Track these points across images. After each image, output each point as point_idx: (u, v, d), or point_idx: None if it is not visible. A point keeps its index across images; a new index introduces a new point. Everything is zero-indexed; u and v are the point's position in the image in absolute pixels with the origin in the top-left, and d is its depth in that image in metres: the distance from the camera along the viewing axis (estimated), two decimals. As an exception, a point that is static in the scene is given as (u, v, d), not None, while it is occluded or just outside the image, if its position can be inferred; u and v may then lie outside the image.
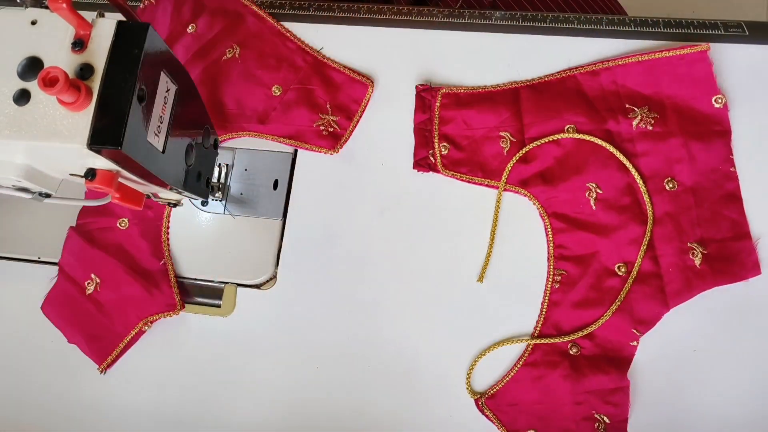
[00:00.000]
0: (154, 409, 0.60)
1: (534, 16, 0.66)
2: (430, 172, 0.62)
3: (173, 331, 0.62)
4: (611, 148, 0.59)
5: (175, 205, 0.60)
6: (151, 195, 0.56)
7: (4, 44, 0.42)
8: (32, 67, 0.41)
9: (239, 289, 0.62)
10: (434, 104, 0.63)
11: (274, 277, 0.62)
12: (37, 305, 0.63)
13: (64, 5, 0.39)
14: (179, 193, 0.53)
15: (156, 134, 0.44)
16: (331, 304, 0.60)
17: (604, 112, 0.60)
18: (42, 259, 0.65)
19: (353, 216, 0.62)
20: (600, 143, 0.59)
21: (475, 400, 0.56)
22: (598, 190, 0.59)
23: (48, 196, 0.48)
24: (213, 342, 0.61)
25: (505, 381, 0.56)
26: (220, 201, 0.64)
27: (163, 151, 0.46)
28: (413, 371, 0.58)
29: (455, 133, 0.63)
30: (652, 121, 0.59)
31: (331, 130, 0.63)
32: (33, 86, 0.41)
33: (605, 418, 0.54)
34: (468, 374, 0.57)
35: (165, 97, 0.45)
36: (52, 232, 0.65)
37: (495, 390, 0.56)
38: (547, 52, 0.64)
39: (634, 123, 0.60)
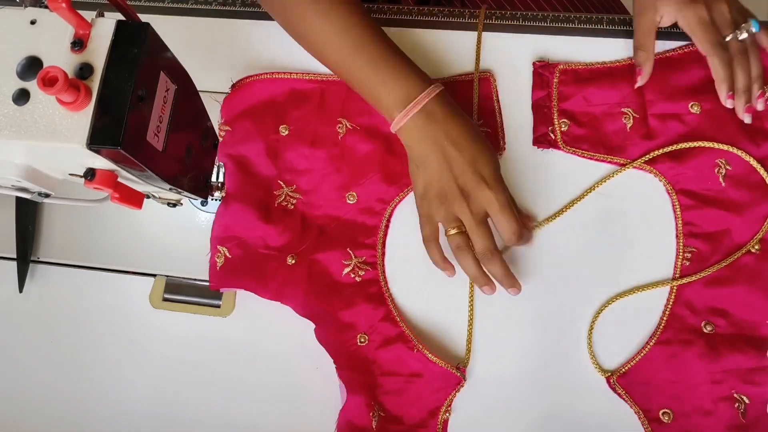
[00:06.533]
0: (154, 409, 0.60)
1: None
2: (551, 149, 0.61)
3: (173, 331, 0.62)
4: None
5: (174, 205, 0.60)
6: (151, 195, 0.56)
7: (4, 44, 0.42)
8: (31, 66, 0.41)
9: (239, 289, 0.62)
10: (552, 80, 0.62)
11: (274, 277, 0.62)
12: (36, 305, 0.63)
13: (64, 5, 0.38)
14: (179, 193, 0.53)
15: (155, 134, 0.44)
16: (331, 304, 0.60)
17: None
18: (42, 259, 0.65)
19: (353, 216, 0.62)
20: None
21: (606, 378, 0.55)
22: (728, 167, 0.58)
23: (47, 196, 0.48)
24: (213, 342, 0.61)
25: (637, 359, 0.55)
26: (220, 201, 0.64)
27: (163, 151, 0.46)
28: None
29: (575, 109, 0.62)
30: None
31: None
32: (32, 86, 0.40)
33: (745, 398, 0.53)
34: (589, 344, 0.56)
35: (165, 96, 0.45)
36: (53, 233, 0.65)
37: (627, 368, 0.55)
38: (546, 52, 0.64)
39: (763, 99, 0.58)
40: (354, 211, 0.61)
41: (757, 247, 0.56)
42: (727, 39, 0.57)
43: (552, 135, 0.61)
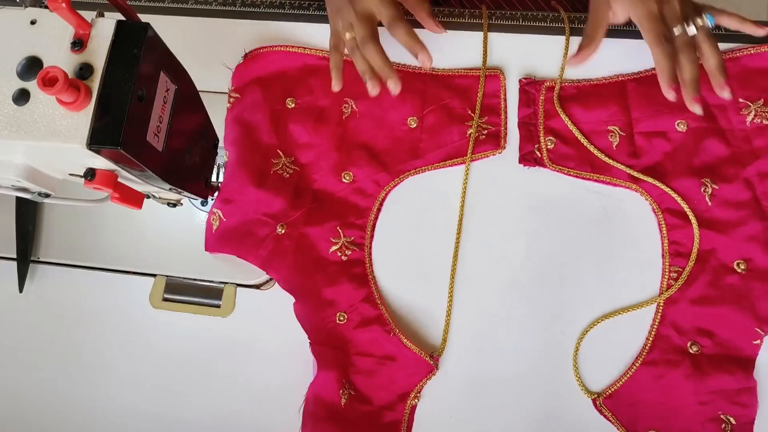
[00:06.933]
0: (154, 409, 0.60)
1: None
2: (537, 167, 0.61)
3: (173, 331, 0.62)
4: None
5: (174, 205, 0.60)
6: (151, 195, 0.56)
7: (4, 44, 0.42)
8: (32, 66, 0.41)
9: (239, 289, 0.62)
10: (538, 98, 0.62)
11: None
12: (36, 305, 0.63)
13: (64, 5, 0.39)
14: (179, 193, 0.53)
15: (155, 134, 0.44)
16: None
17: (715, 108, 0.59)
18: (42, 259, 0.64)
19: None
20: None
21: (592, 400, 0.55)
22: (714, 186, 0.57)
23: (47, 196, 0.48)
24: (213, 342, 0.61)
25: (623, 380, 0.55)
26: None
27: (163, 151, 0.46)
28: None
29: (561, 127, 0.62)
30: None
31: (485, 132, 0.62)
32: (32, 86, 0.40)
33: (732, 419, 0.52)
34: (574, 364, 0.56)
35: (165, 97, 0.45)
36: (53, 233, 0.65)
37: (613, 390, 0.55)
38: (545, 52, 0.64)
39: (748, 119, 0.59)
40: (348, 190, 0.61)
41: (743, 266, 0.56)
42: (676, 32, 0.56)
43: (538, 153, 0.61)
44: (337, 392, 0.55)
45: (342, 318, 0.58)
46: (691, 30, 0.56)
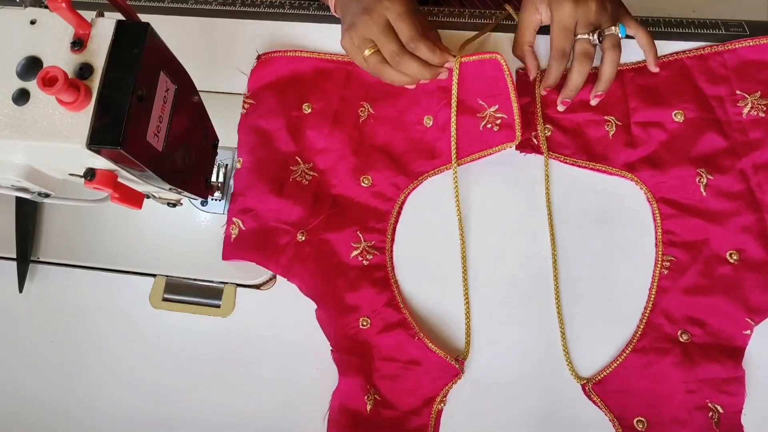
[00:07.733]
0: (154, 409, 0.60)
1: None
2: (533, 154, 0.61)
3: (173, 331, 0.62)
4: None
5: (174, 205, 0.60)
6: (151, 195, 0.56)
7: (4, 44, 0.42)
8: (31, 66, 0.41)
9: (239, 289, 0.62)
10: (536, 86, 0.62)
11: (274, 277, 0.62)
12: (36, 305, 0.63)
13: (64, 5, 0.38)
14: (179, 193, 0.53)
15: (155, 134, 0.44)
16: (331, 304, 0.60)
17: (712, 99, 0.60)
18: (42, 259, 0.64)
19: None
20: None
21: (582, 385, 0.55)
22: (709, 176, 0.58)
23: (47, 196, 0.48)
24: (213, 342, 0.61)
25: (612, 367, 0.55)
26: (220, 201, 0.64)
27: (163, 151, 0.46)
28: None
29: (559, 115, 0.62)
30: (765, 108, 0.58)
31: (498, 122, 0.61)
32: (32, 86, 0.40)
33: (719, 408, 0.53)
34: (566, 357, 0.56)
35: (164, 96, 0.45)
36: (53, 233, 0.65)
37: (602, 376, 0.55)
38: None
39: (745, 111, 0.59)
40: (367, 194, 0.61)
41: (735, 257, 0.56)
42: (580, 37, 0.58)
43: (535, 140, 0.61)
44: (362, 399, 0.55)
45: (365, 323, 0.57)
46: (594, 40, 0.58)
